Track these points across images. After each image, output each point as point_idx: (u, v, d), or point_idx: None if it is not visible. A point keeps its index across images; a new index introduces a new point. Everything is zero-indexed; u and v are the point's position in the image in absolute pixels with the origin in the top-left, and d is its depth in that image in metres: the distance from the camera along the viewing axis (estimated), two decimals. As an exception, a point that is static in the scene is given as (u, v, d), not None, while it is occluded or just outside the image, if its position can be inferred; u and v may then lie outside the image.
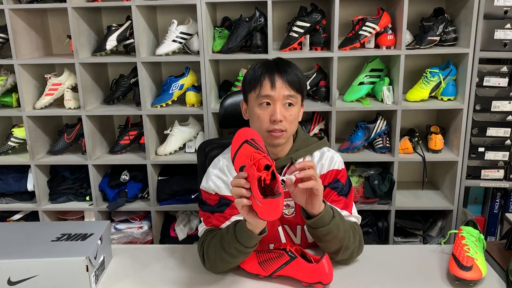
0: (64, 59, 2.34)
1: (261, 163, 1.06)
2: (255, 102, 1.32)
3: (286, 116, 1.30)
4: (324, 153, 1.41)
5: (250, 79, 1.34)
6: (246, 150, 1.11)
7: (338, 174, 1.38)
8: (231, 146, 1.17)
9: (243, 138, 1.14)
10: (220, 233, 1.24)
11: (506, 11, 2.15)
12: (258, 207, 1.05)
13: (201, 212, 1.38)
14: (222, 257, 1.21)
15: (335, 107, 2.29)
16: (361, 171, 2.37)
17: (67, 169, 2.51)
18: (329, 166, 1.38)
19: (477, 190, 2.48)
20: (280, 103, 1.29)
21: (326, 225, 1.19)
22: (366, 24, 2.25)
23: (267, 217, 1.06)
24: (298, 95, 1.33)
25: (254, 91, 1.32)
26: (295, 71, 1.33)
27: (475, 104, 2.24)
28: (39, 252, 1.21)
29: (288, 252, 1.22)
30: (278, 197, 1.03)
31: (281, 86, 1.29)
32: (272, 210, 1.04)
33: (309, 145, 1.40)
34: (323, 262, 1.18)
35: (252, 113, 1.34)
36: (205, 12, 2.22)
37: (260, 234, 1.16)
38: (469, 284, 1.20)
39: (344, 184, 1.39)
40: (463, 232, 1.32)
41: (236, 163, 1.13)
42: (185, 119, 2.51)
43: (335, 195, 1.36)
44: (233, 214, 1.31)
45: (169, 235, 2.47)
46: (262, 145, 1.13)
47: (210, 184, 1.35)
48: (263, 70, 1.31)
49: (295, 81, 1.31)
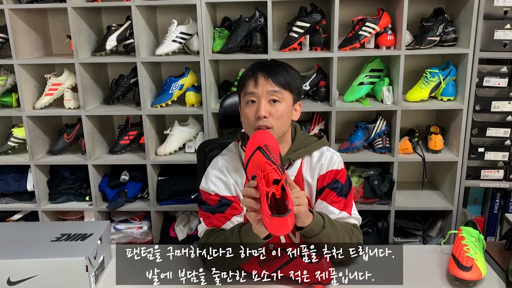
0: (64, 59, 2.34)
1: (270, 176, 1.04)
2: (243, 102, 1.35)
3: (272, 112, 1.30)
4: (324, 153, 1.40)
5: (239, 82, 1.38)
6: (258, 158, 1.10)
7: (337, 174, 1.38)
8: (246, 150, 1.17)
9: (257, 143, 1.14)
10: (224, 234, 1.24)
11: (506, 11, 2.15)
12: (266, 222, 1.04)
13: (201, 212, 1.37)
14: (224, 258, 1.21)
15: (335, 107, 2.29)
16: (361, 171, 2.37)
17: (67, 169, 2.51)
18: (328, 166, 1.38)
19: (477, 191, 2.47)
20: (264, 99, 1.30)
21: (316, 235, 1.20)
22: (366, 24, 2.24)
23: (276, 232, 1.05)
24: (284, 91, 1.32)
25: (242, 91, 1.35)
26: (284, 70, 1.34)
27: (475, 104, 2.24)
28: (39, 252, 1.21)
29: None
30: (285, 215, 1.01)
31: (264, 82, 1.30)
32: (281, 226, 1.03)
33: (308, 145, 1.39)
34: (323, 262, 1.18)
35: (242, 113, 1.36)
36: (205, 12, 2.22)
37: (265, 238, 1.16)
38: (468, 284, 1.20)
39: (344, 184, 1.38)
40: (462, 233, 1.32)
41: (249, 171, 1.13)
42: (185, 119, 2.51)
43: (335, 196, 1.36)
44: (234, 214, 1.31)
45: (168, 235, 2.47)
46: (275, 152, 1.12)
47: (210, 184, 1.35)
48: (249, 70, 1.35)
49: (281, 78, 1.31)
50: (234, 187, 1.35)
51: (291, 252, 1.22)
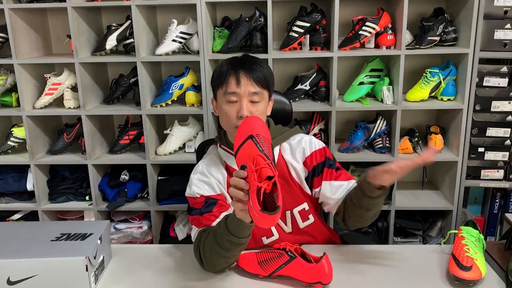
0: (64, 59, 2.34)
1: (263, 172, 1.03)
2: (223, 99, 1.36)
3: (253, 111, 1.34)
4: (303, 137, 1.47)
5: (216, 76, 1.39)
6: (250, 148, 1.09)
7: (323, 152, 1.44)
8: (236, 136, 1.16)
9: (249, 131, 1.13)
10: (213, 229, 1.25)
11: (506, 11, 2.15)
12: (254, 216, 1.03)
13: (191, 218, 1.38)
14: (217, 252, 1.21)
15: (335, 107, 2.29)
16: (361, 171, 2.37)
17: (67, 169, 2.51)
18: (311, 148, 1.44)
19: (477, 190, 2.47)
20: (246, 99, 1.33)
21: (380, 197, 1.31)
22: (366, 24, 2.24)
23: (262, 225, 1.04)
24: (264, 91, 1.36)
25: (221, 88, 1.36)
26: (261, 68, 1.36)
27: (475, 104, 2.24)
28: (39, 252, 1.21)
29: (287, 252, 1.22)
30: (276, 213, 1.01)
31: (246, 83, 1.33)
32: (269, 221, 1.03)
33: (283, 133, 1.46)
34: (322, 262, 1.18)
35: (220, 110, 1.38)
36: (205, 11, 2.22)
37: (252, 222, 1.15)
38: (468, 284, 1.20)
39: (333, 159, 1.46)
40: (462, 232, 1.31)
41: (238, 159, 1.12)
42: (185, 119, 2.51)
43: (334, 171, 1.42)
44: (222, 211, 1.32)
45: (168, 235, 2.47)
46: (267, 143, 1.12)
47: (194, 188, 1.37)
48: (229, 67, 1.36)
49: (261, 77, 1.35)
50: (217, 186, 1.38)
51: (291, 252, 1.22)
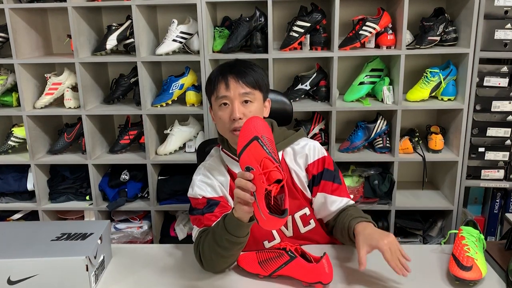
0: (64, 59, 2.34)
1: (272, 175, 1.03)
2: (216, 105, 1.37)
3: (246, 113, 1.33)
4: (307, 143, 1.44)
5: (207, 84, 1.41)
6: (256, 150, 1.08)
7: (324, 162, 1.42)
8: (239, 137, 1.15)
9: (253, 132, 1.12)
10: (212, 228, 1.25)
11: (507, 11, 2.15)
12: (261, 218, 1.03)
13: (192, 218, 1.38)
14: (216, 252, 1.21)
15: (335, 107, 2.29)
16: (361, 171, 2.37)
17: (67, 169, 2.51)
18: (314, 155, 1.42)
19: (477, 190, 2.47)
20: (237, 101, 1.33)
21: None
22: (366, 24, 2.24)
23: (268, 228, 1.04)
24: (255, 91, 1.36)
25: (213, 95, 1.37)
26: (251, 70, 1.36)
27: (475, 104, 2.24)
28: (39, 252, 1.21)
29: (288, 252, 1.22)
30: (284, 216, 1.01)
31: (235, 85, 1.33)
32: (276, 224, 1.03)
33: (287, 138, 1.44)
34: (323, 262, 1.18)
35: (215, 116, 1.39)
36: (205, 11, 2.22)
37: (250, 221, 1.15)
38: (469, 284, 1.20)
39: (334, 170, 1.43)
40: (463, 232, 1.31)
41: (243, 160, 1.11)
42: (185, 118, 2.51)
43: (331, 184, 1.41)
44: (223, 212, 1.32)
45: (169, 234, 2.47)
46: (272, 145, 1.12)
47: (196, 189, 1.38)
48: (218, 73, 1.37)
49: (250, 78, 1.35)
50: (220, 188, 1.38)
51: (291, 252, 1.22)
